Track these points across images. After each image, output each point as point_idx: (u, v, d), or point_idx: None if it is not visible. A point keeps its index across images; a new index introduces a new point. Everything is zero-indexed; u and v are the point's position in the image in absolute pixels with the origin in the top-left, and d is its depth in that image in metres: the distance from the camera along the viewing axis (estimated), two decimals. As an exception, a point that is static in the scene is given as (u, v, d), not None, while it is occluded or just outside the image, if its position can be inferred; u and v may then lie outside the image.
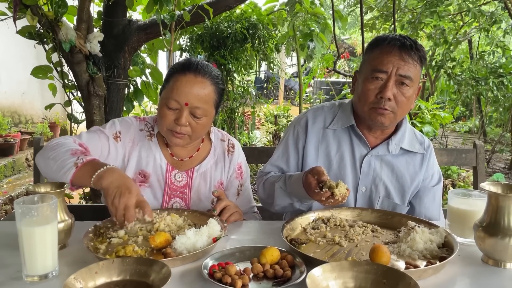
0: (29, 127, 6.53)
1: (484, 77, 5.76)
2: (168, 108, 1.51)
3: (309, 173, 1.41)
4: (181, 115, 1.49)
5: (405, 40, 1.52)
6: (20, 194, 4.61)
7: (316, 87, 12.16)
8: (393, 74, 1.50)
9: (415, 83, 1.55)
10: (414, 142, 1.68)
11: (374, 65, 1.53)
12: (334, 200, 1.33)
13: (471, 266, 1.19)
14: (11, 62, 6.21)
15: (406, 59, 1.50)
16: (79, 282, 0.98)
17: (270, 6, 5.41)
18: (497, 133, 8.06)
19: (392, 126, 1.64)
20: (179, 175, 1.64)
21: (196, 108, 1.50)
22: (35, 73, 2.62)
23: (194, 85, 1.50)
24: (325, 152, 1.68)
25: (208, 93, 1.53)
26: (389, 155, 1.65)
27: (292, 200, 1.60)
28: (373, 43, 1.60)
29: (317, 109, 1.76)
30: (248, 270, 1.08)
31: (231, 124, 5.91)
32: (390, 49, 1.51)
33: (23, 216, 1.05)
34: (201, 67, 1.53)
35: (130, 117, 1.70)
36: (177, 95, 1.49)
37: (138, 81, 3.07)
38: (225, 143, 1.75)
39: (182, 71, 1.52)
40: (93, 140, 1.56)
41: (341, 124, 1.67)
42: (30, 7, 2.32)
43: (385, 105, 1.51)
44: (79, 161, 1.33)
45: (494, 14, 5.72)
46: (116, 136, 1.61)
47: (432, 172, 1.69)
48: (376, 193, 1.66)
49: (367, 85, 1.54)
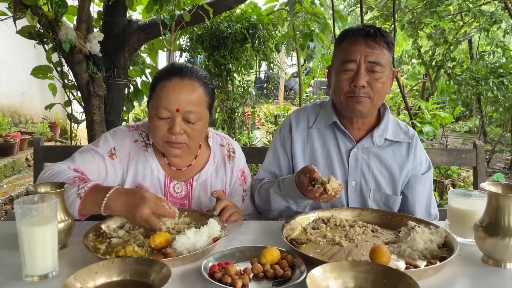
0: (29, 127, 6.53)
1: (484, 77, 5.76)
2: (159, 118, 1.42)
3: (301, 173, 1.44)
4: (174, 123, 1.40)
5: (369, 28, 1.56)
6: (20, 194, 4.60)
7: (316, 87, 12.18)
8: (362, 62, 1.53)
9: (387, 68, 1.57)
10: (398, 132, 1.70)
11: (343, 57, 1.57)
12: (327, 196, 1.34)
13: (471, 266, 1.19)
14: (11, 62, 6.21)
15: (372, 46, 1.53)
16: (79, 282, 0.98)
17: (270, 6, 5.42)
18: (497, 133, 8.06)
19: (372, 113, 1.66)
20: (178, 186, 1.58)
21: (189, 113, 1.42)
22: (35, 73, 2.62)
23: (182, 88, 1.42)
24: (311, 151, 1.70)
25: (199, 95, 1.44)
26: (375, 147, 1.67)
27: (288, 202, 1.61)
28: (340, 36, 1.63)
29: (299, 110, 1.79)
30: (248, 270, 1.08)
31: (231, 124, 5.91)
32: (355, 39, 1.55)
33: (23, 216, 1.05)
34: (186, 69, 1.45)
35: (123, 128, 1.61)
36: (166, 102, 1.40)
37: (138, 81, 3.07)
38: (224, 148, 1.68)
39: (166, 76, 1.44)
40: (88, 162, 1.48)
41: (324, 122, 1.69)
42: (30, 7, 2.32)
43: (359, 93, 1.54)
44: (81, 191, 1.27)
45: (494, 14, 5.73)
46: (111, 153, 1.52)
47: (420, 160, 1.70)
48: (366, 187, 1.67)
49: (339, 77, 1.57)
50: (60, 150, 2.11)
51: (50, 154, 2.11)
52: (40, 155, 2.09)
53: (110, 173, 1.52)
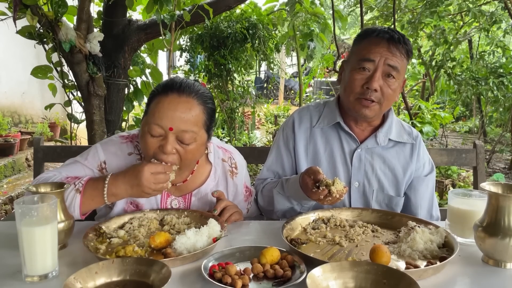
0: (29, 127, 6.53)
1: (484, 77, 5.76)
2: (151, 135, 1.33)
3: (305, 174, 1.42)
4: (166, 142, 1.32)
5: (394, 33, 1.54)
6: (20, 194, 4.61)
7: (316, 87, 12.18)
8: (380, 64, 1.51)
9: (401, 75, 1.56)
10: (402, 133, 1.69)
11: (362, 55, 1.54)
12: (332, 198, 1.33)
13: (471, 266, 1.19)
14: (11, 62, 6.21)
15: (393, 51, 1.52)
16: (79, 282, 0.98)
17: (270, 6, 5.42)
18: (497, 133, 8.06)
19: (378, 117, 1.65)
20: (175, 202, 1.52)
21: (183, 133, 1.33)
22: (35, 73, 2.62)
23: (178, 105, 1.32)
24: (314, 151, 1.69)
25: (196, 114, 1.35)
26: (379, 147, 1.66)
27: (292, 203, 1.60)
28: (362, 34, 1.61)
29: (302, 109, 1.78)
30: (248, 270, 1.08)
31: (231, 124, 5.92)
32: (378, 41, 1.53)
33: (23, 216, 1.05)
34: (185, 85, 1.36)
35: (115, 139, 1.51)
36: (159, 119, 1.31)
37: (138, 81, 3.07)
38: (227, 164, 1.60)
39: (163, 92, 1.35)
40: (76, 171, 1.42)
41: (327, 122, 1.68)
42: (30, 7, 2.32)
43: (371, 96, 1.52)
44: (79, 186, 1.24)
45: (494, 14, 5.72)
46: (101, 168, 1.45)
47: (424, 162, 1.70)
48: (369, 187, 1.66)
49: (354, 75, 1.55)
50: (60, 150, 2.11)
51: (50, 154, 2.11)
52: (40, 155, 2.09)
53: None
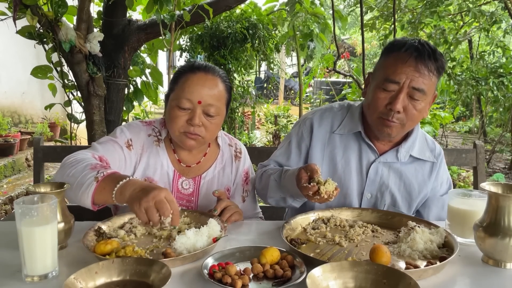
0: (29, 127, 6.53)
1: (484, 77, 5.77)
2: (180, 108, 1.46)
3: (303, 169, 1.40)
4: (194, 115, 1.45)
5: (424, 48, 1.44)
6: (20, 194, 4.60)
7: (316, 87, 12.16)
8: (405, 86, 1.44)
9: (429, 96, 1.48)
10: (424, 150, 1.64)
11: (387, 74, 1.46)
12: (319, 197, 1.31)
13: (471, 266, 1.19)
14: (11, 62, 6.21)
15: (421, 71, 1.42)
16: (79, 282, 0.98)
17: (270, 6, 5.42)
18: (497, 133, 8.06)
19: (400, 136, 1.60)
20: (186, 183, 1.60)
21: (210, 106, 1.47)
22: (35, 73, 2.62)
23: (206, 82, 1.48)
24: (330, 156, 1.65)
25: (220, 90, 1.51)
26: (398, 163, 1.61)
27: (284, 194, 1.58)
28: (390, 46, 1.51)
29: (325, 110, 1.71)
30: (248, 270, 1.08)
31: (231, 124, 5.92)
32: (406, 58, 1.43)
33: (23, 216, 1.05)
34: (209, 67, 1.53)
35: (137, 122, 1.63)
36: (189, 93, 1.45)
37: (138, 81, 3.07)
38: (232, 148, 1.71)
39: (191, 70, 1.50)
40: (110, 152, 1.48)
41: (348, 129, 1.63)
42: (30, 7, 2.32)
43: (393, 117, 1.46)
44: (99, 175, 1.24)
45: (494, 14, 5.72)
46: (128, 144, 1.54)
47: (441, 181, 1.66)
48: (381, 201, 1.63)
49: (377, 94, 1.49)
50: (60, 150, 2.11)
51: (50, 154, 2.10)
52: (40, 155, 2.09)
53: (128, 164, 1.53)
